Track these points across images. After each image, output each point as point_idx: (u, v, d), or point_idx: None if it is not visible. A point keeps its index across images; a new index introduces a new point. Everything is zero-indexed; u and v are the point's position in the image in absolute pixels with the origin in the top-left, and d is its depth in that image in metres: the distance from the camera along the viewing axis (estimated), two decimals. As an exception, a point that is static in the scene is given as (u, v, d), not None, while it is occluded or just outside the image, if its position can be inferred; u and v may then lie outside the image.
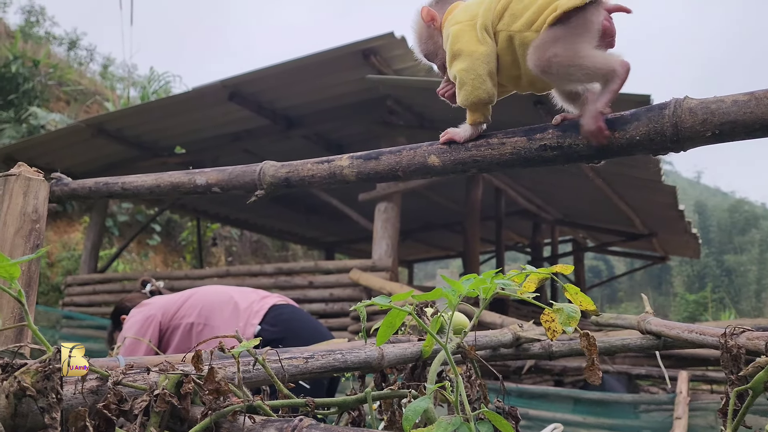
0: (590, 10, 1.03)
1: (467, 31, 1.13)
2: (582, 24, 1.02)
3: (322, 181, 1.20)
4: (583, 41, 1.02)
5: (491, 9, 1.12)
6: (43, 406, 0.64)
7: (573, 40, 1.02)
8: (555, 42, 1.02)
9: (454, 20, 1.17)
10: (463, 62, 1.11)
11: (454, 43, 1.13)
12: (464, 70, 1.10)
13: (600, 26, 1.03)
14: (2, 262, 0.59)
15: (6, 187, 1.04)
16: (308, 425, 0.68)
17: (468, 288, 0.84)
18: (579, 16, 1.02)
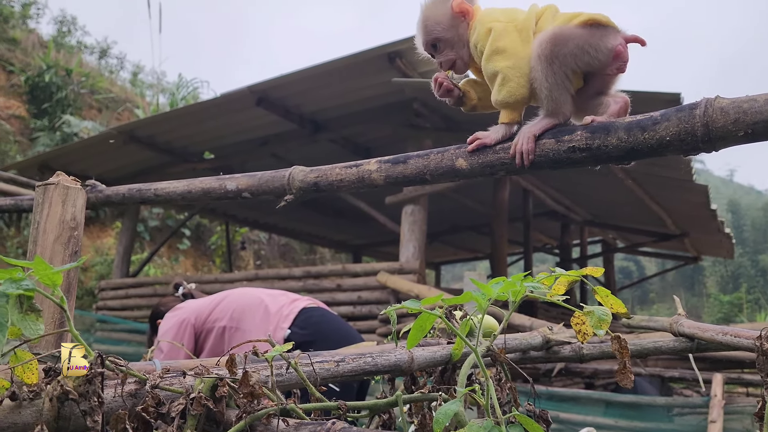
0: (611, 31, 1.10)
1: (511, 32, 1.14)
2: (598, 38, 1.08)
3: (350, 186, 1.21)
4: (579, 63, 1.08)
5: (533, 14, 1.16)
6: (85, 409, 0.66)
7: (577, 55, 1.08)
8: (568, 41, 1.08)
9: (493, 18, 1.18)
10: (508, 60, 1.12)
11: (498, 40, 1.14)
12: (510, 68, 1.11)
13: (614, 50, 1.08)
14: (45, 270, 0.62)
15: (45, 195, 1.08)
16: (341, 428, 0.69)
17: (498, 291, 0.84)
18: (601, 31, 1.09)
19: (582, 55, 1.08)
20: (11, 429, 0.63)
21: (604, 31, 1.10)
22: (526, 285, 1.00)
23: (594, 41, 1.08)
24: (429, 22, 1.26)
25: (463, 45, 1.24)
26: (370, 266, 6.54)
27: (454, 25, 1.23)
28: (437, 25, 1.25)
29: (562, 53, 1.07)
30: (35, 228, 1.05)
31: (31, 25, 16.33)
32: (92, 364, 0.67)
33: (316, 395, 0.85)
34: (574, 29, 1.09)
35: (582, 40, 1.07)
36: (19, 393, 0.64)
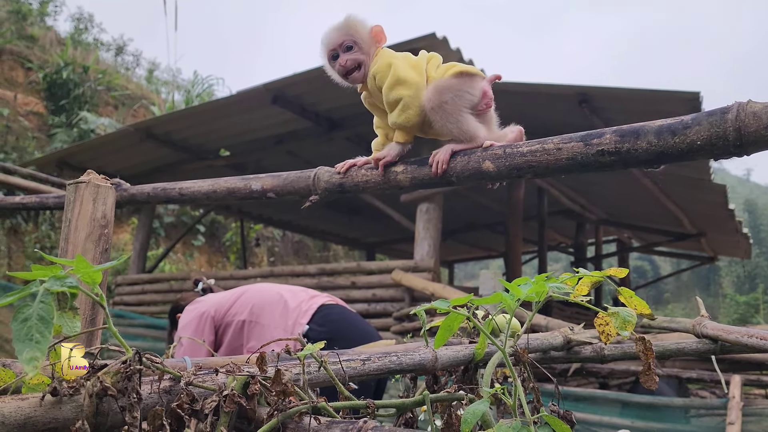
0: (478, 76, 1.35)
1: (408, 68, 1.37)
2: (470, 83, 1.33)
3: (376, 187, 1.22)
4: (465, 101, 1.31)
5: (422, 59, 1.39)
6: (123, 405, 0.67)
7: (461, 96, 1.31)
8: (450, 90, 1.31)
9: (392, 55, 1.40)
10: (409, 89, 1.33)
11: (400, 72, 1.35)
12: (411, 97, 1.33)
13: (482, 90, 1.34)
14: (87, 269, 0.63)
15: (76, 193, 1.09)
16: (372, 427, 0.69)
17: (527, 292, 0.84)
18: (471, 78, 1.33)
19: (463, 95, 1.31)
20: (52, 424, 0.65)
21: (473, 77, 1.34)
22: (551, 286, 1.01)
23: (467, 86, 1.32)
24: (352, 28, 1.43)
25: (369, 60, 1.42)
26: (385, 264, 6.55)
27: (368, 48, 1.42)
28: (358, 33, 1.42)
29: (447, 98, 1.29)
30: (67, 225, 1.07)
31: (49, 23, 16.50)
32: (130, 360, 0.68)
33: (345, 394, 0.86)
34: (450, 80, 1.32)
35: (459, 86, 1.31)
36: (60, 389, 0.65)
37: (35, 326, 0.57)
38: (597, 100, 4.91)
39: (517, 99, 5.60)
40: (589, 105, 4.92)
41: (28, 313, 0.58)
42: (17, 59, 13.76)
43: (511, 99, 5.67)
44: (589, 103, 4.90)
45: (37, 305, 0.58)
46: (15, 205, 1.98)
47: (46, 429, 0.65)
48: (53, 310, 0.59)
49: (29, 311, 0.58)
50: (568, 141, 0.98)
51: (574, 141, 0.98)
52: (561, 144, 0.99)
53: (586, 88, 4.83)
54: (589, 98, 4.88)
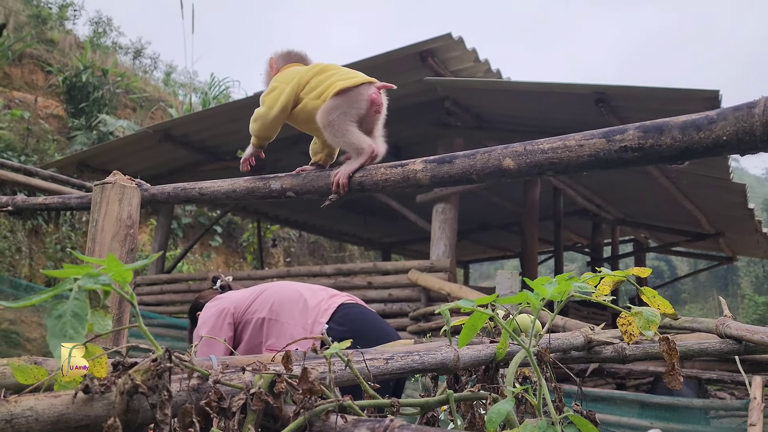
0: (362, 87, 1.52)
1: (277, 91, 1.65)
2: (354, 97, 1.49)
3: (395, 186, 1.22)
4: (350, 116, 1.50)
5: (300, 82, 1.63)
6: (154, 402, 0.68)
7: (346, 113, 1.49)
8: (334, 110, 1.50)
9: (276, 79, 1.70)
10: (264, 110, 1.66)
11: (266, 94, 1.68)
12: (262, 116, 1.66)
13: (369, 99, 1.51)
14: (118, 268, 0.64)
15: (103, 194, 1.11)
16: (399, 425, 0.70)
17: (552, 292, 0.84)
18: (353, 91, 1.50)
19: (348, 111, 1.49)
20: (84, 421, 0.66)
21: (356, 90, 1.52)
22: (574, 285, 1.00)
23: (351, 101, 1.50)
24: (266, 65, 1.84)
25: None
26: (401, 264, 6.54)
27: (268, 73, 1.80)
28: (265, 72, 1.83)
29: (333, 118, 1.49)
30: (94, 226, 1.08)
31: (68, 27, 16.71)
32: (160, 358, 0.69)
33: (370, 392, 0.87)
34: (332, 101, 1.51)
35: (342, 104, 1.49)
36: (92, 386, 0.66)
37: (69, 323, 0.58)
38: (614, 99, 4.87)
39: (532, 99, 5.58)
40: (606, 104, 4.87)
41: (62, 310, 0.59)
42: (37, 63, 13.95)
43: (526, 99, 5.65)
44: (606, 102, 4.86)
45: (71, 302, 0.59)
46: (38, 205, 2.01)
47: (79, 426, 0.66)
48: (87, 307, 0.60)
49: (63, 308, 0.59)
50: (590, 137, 0.98)
51: (596, 137, 0.97)
52: (583, 140, 0.98)
53: (603, 87, 4.79)
54: (606, 97, 4.84)
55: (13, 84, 13.28)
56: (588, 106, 4.97)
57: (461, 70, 5.78)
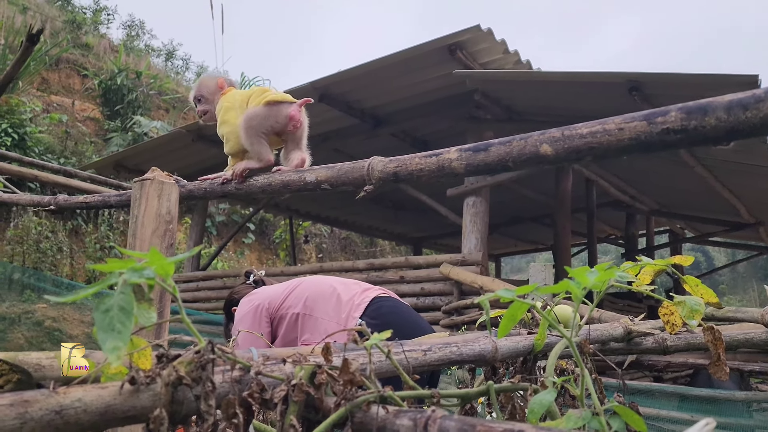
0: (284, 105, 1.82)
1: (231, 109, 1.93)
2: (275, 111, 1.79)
3: (430, 175, 1.21)
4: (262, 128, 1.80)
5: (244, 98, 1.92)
6: (198, 393, 0.69)
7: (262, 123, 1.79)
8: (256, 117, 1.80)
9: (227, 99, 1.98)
10: (229, 128, 1.92)
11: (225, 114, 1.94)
12: (229, 133, 1.91)
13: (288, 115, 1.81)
14: (161, 261, 0.64)
15: (142, 190, 1.12)
16: (442, 416, 0.69)
17: (594, 280, 0.82)
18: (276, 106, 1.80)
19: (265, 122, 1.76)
20: (131, 412, 0.67)
21: (280, 105, 1.80)
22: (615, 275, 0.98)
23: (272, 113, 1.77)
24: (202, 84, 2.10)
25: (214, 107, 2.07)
26: (433, 258, 6.53)
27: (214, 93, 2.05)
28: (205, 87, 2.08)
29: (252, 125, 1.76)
30: (134, 222, 1.10)
31: (102, 31, 17.05)
32: (203, 350, 0.70)
33: (410, 383, 0.86)
34: (258, 109, 1.79)
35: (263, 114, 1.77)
36: (138, 378, 0.67)
37: (116, 316, 0.59)
38: (648, 87, 4.77)
39: (563, 89, 5.50)
40: (639, 92, 4.77)
41: (109, 304, 0.60)
42: (74, 67, 14.28)
43: (556, 89, 5.57)
44: (640, 90, 4.76)
45: (117, 296, 0.60)
46: (80, 204, 2.05)
47: (125, 417, 0.67)
48: (133, 301, 0.61)
49: (110, 302, 0.60)
50: (630, 120, 0.96)
51: (636, 120, 0.95)
52: (623, 124, 0.96)
53: (636, 74, 4.70)
54: (640, 85, 4.75)
55: (51, 89, 13.61)
56: (621, 95, 4.87)
57: (490, 62, 5.73)
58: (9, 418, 0.58)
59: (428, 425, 0.69)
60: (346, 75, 5.95)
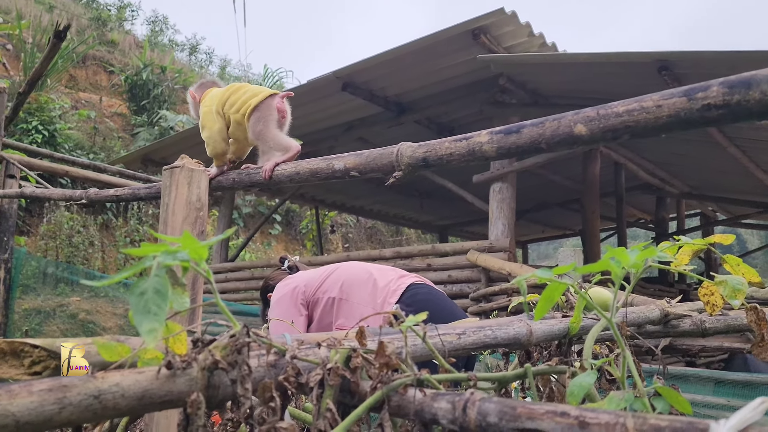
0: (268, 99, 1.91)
1: (209, 113, 2.03)
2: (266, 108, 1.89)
3: (460, 159, 1.19)
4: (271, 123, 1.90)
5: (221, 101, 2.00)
6: (234, 378, 0.68)
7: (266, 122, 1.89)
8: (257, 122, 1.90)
9: (203, 104, 2.07)
10: (207, 132, 2.02)
11: (203, 119, 2.04)
12: (208, 137, 2.01)
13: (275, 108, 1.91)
14: (194, 245, 0.64)
15: (172, 178, 1.12)
16: (480, 398, 0.68)
17: (635, 259, 0.80)
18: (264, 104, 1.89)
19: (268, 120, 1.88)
20: (168, 396, 0.67)
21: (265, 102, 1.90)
22: (653, 255, 0.95)
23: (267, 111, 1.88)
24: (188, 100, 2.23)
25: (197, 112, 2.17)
26: (460, 245, 6.49)
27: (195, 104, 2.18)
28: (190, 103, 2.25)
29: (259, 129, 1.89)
30: (165, 210, 1.11)
31: (127, 27, 17.24)
32: (238, 334, 0.70)
33: (446, 367, 0.85)
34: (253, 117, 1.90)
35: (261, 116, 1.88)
36: (174, 362, 0.67)
37: (152, 299, 0.59)
38: (678, 66, 4.66)
39: (590, 71, 5.40)
40: (669, 72, 4.66)
41: (143, 287, 0.60)
42: (100, 64, 14.48)
43: (583, 71, 5.47)
44: (670, 69, 4.65)
45: (152, 279, 0.60)
46: (110, 197, 2.07)
47: (162, 401, 0.67)
48: (168, 284, 0.60)
49: (145, 285, 0.60)
50: (668, 97, 0.93)
51: (675, 96, 0.92)
52: (661, 101, 0.93)
53: (666, 53, 4.59)
54: (670, 65, 4.63)
55: (79, 85, 13.83)
56: (650, 76, 4.77)
57: (515, 46, 5.65)
58: (48, 402, 0.58)
59: (467, 408, 0.68)
60: (368, 63, 5.92)
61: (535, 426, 0.63)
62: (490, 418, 0.67)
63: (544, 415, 0.62)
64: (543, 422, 0.62)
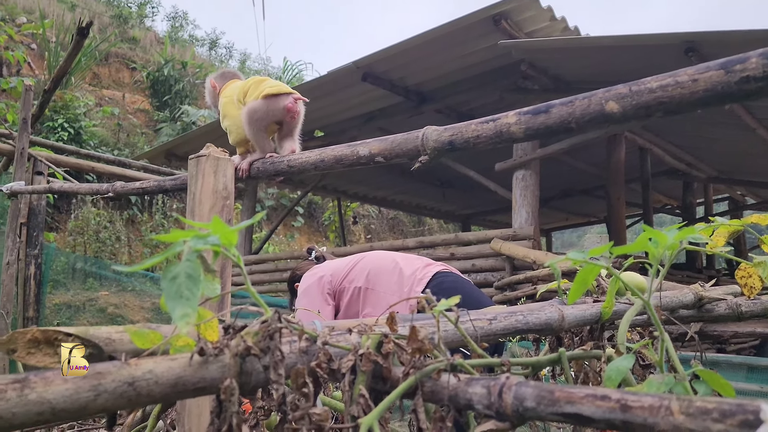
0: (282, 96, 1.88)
1: (229, 103, 2.04)
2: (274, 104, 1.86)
3: (487, 142, 1.17)
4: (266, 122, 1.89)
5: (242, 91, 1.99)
6: (266, 364, 0.68)
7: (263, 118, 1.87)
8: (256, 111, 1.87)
9: (225, 94, 2.09)
10: (230, 121, 2.02)
11: (224, 108, 2.05)
12: (231, 125, 2.01)
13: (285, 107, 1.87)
14: (223, 230, 0.63)
15: (198, 167, 1.12)
16: (517, 382, 0.66)
17: (673, 238, 0.78)
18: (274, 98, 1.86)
19: (266, 115, 1.84)
20: (201, 383, 0.66)
21: (278, 98, 1.86)
22: (688, 237, 0.93)
23: (272, 106, 1.84)
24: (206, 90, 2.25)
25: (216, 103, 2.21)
26: (483, 234, 6.45)
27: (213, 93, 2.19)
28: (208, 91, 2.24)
29: (254, 118, 1.85)
30: (191, 199, 1.10)
31: (148, 24, 17.38)
32: (270, 320, 0.69)
33: (479, 352, 0.84)
34: (258, 103, 1.85)
35: (263, 109, 1.84)
36: (206, 349, 0.66)
37: (184, 284, 0.58)
38: (706, 47, 4.55)
39: (614, 55, 5.30)
40: (697, 53, 4.56)
41: (175, 272, 0.59)
42: (122, 61, 14.63)
43: (607, 55, 5.37)
44: (697, 51, 4.55)
45: (184, 264, 0.59)
46: (136, 190, 2.09)
47: (196, 388, 0.67)
48: (200, 268, 0.60)
49: (177, 269, 0.59)
50: (704, 71, 0.89)
51: (712, 70, 0.88)
52: (697, 75, 0.90)
53: (693, 34, 4.49)
54: (697, 46, 4.53)
55: (102, 83, 13.99)
56: (677, 58, 4.67)
57: (536, 31, 5.57)
58: (83, 389, 0.58)
59: (503, 392, 0.67)
60: (388, 52, 5.89)
61: (574, 410, 0.61)
62: (527, 403, 0.65)
63: (583, 398, 0.60)
64: (583, 406, 0.60)
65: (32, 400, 0.55)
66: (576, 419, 0.61)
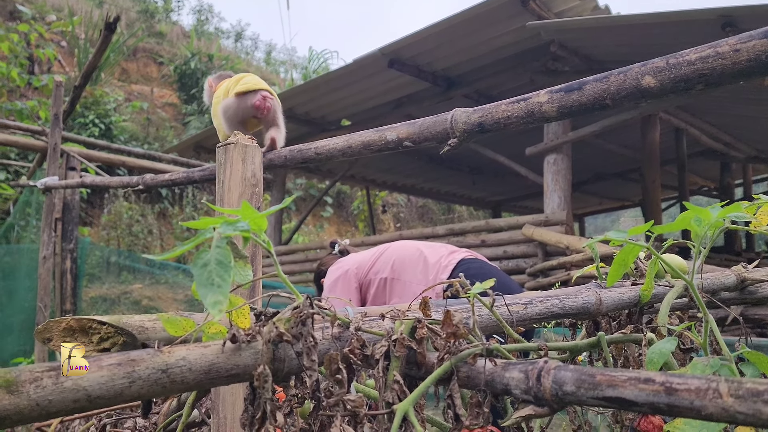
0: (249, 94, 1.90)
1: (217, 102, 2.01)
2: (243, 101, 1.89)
3: (518, 122, 1.14)
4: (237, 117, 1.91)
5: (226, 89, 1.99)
6: (299, 350, 0.67)
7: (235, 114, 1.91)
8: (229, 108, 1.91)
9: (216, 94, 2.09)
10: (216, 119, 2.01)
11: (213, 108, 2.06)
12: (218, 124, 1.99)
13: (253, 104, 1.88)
14: (253, 215, 0.62)
15: (226, 155, 1.12)
16: (555, 366, 0.64)
17: (717, 216, 0.74)
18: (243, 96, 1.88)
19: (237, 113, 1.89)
20: (234, 370, 0.66)
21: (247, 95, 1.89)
22: (730, 215, 0.89)
23: (242, 104, 1.88)
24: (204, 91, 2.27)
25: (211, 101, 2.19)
26: (514, 220, 6.39)
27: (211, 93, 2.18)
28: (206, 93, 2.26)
29: (227, 116, 1.90)
30: (220, 187, 1.10)
31: (174, 18, 17.54)
32: (302, 305, 0.68)
33: (515, 337, 0.82)
34: (230, 100, 1.90)
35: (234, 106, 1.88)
36: (239, 336, 0.66)
37: (215, 270, 0.58)
38: (744, 22, 4.40)
39: (647, 32, 5.17)
40: (734, 28, 4.42)
41: (206, 259, 0.58)
42: (150, 56, 14.81)
43: (640, 33, 5.24)
44: (735, 26, 4.41)
45: (214, 250, 0.59)
46: (165, 182, 2.10)
47: (229, 375, 0.66)
48: (230, 255, 0.59)
49: (207, 256, 0.58)
50: (747, 40, 0.85)
51: (755, 39, 0.84)
52: (739, 44, 0.86)
53: (730, 9, 4.34)
54: (735, 20, 4.39)
55: (131, 78, 14.19)
56: (713, 34, 4.53)
57: (566, 11, 5.46)
58: (118, 377, 0.58)
59: (541, 376, 0.65)
60: (415, 38, 5.84)
61: (616, 394, 0.59)
62: (566, 387, 0.63)
63: (626, 382, 0.58)
64: (625, 390, 0.58)
65: (68, 388, 0.55)
66: (618, 403, 0.59)
